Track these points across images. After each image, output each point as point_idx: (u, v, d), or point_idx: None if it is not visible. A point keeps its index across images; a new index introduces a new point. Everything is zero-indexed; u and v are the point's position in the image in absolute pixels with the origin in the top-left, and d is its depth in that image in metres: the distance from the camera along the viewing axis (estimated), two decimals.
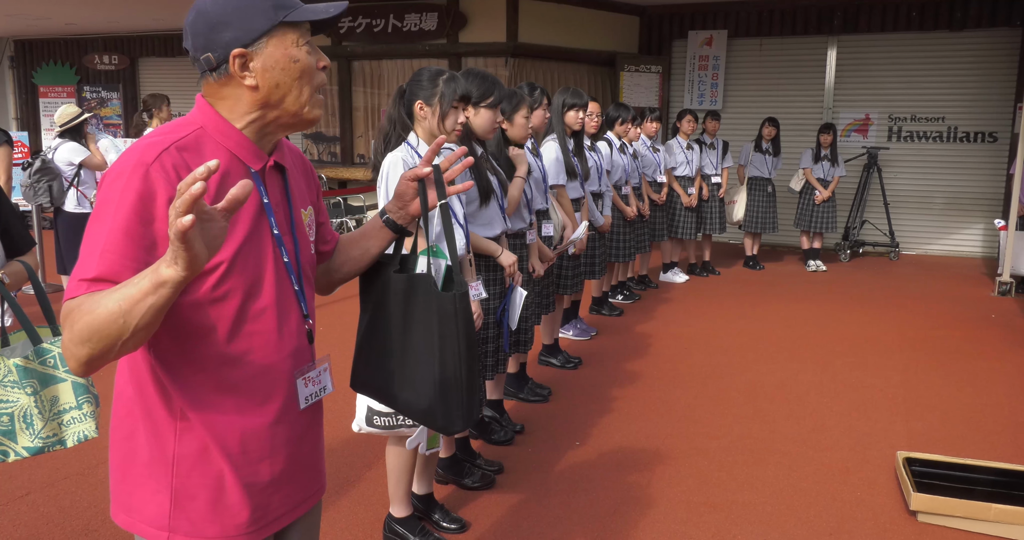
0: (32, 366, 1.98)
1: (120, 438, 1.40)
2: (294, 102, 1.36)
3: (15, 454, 1.99)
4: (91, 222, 1.25)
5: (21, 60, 13.36)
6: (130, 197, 1.22)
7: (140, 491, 1.38)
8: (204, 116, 1.36)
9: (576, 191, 4.62)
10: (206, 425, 1.35)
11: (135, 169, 1.24)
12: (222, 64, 1.33)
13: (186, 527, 1.37)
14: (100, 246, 1.20)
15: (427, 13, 8.98)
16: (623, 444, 3.79)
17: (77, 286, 1.19)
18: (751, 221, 8.22)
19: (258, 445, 1.39)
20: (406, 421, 2.52)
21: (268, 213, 1.39)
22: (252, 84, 1.33)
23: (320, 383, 1.52)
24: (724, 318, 6.25)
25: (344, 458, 3.55)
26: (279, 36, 1.32)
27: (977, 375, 4.87)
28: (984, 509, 2.99)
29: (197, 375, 1.33)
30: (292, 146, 1.55)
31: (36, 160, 5.91)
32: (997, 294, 7.12)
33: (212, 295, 1.31)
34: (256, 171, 1.38)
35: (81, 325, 1.14)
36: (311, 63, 1.36)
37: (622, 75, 9.75)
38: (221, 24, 1.31)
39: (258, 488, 1.41)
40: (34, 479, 3.33)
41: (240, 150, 1.36)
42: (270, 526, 1.45)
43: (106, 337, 1.13)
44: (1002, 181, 8.92)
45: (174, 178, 1.25)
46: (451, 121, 2.64)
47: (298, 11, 1.33)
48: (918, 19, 9.00)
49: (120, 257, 1.20)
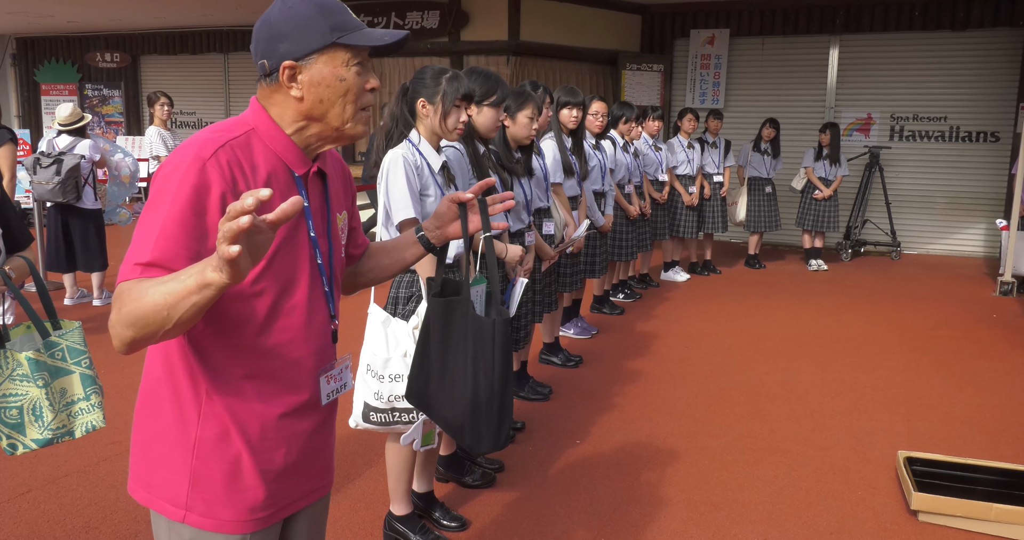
0: (43, 359, 2.01)
1: (145, 416, 1.46)
2: (336, 118, 1.42)
3: (23, 447, 2.02)
4: (147, 210, 1.31)
5: (23, 58, 13.37)
6: (186, 189, 1.28)
7: (161, 469, 1.43)
8: (256, 118, 1.43)
9: (573, 189, 4.62)
10: (229, 410, 1.41)
11: (193, 163, 1.30)
12: (274, 72, 1.40)
13: (201, 507, 1.42)
14: (156, 232, 1.27)
15: (429, 11, 8.98)
16: (624, 443, 3.79)
17: (132, 270, 1.26)
18: (752, 221, 8.23)
19: (276, 434, 1.45)
20: (402, 417, 2.52)
21: (307, 217, 1.46)
22: (298, 96, 1.40)
23: (341, 381, 1.58)
24: (725, 317, 6.25)
25: (345, 456, 3.55)
26: (330, 54, 1.39)
27: (978, 375, 4.87)
28: (985, 509, 2.98)
29: (227, 362, 1.40)
30: (334, 152, 1.62)
31: (49, 159, 5.86)
32: (998, 294, 7.12)
33: (250, 290, 1.37)
34: (300, 175, 1.45)
35: (128, 309, 1.20)
36: (357, 84, 1.42)
37: (624, 74, 9.74)
38: (280, 35, 1.38)
39: (272, 475, 1.46)
40: (35, 476, 3.34)
41: (287, 154, 1.43)
42: (280, 513, 1.50)
43: (150, 325, 1.19)
44: (1004, 181, 8.92)
45: (227, 174, 1.32)
46: (453, 120, 2.65)
47: (353, 35, 1.40)
48: (920, 19, 8.99)
49: (174, 244, 1.26)
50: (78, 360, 2.06)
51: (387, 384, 2.48)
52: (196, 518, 1.42)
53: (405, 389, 1.80)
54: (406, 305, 2.65)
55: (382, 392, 2.48)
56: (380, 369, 2.48)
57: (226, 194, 1.32)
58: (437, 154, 2.70)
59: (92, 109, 12.96)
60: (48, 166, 5.82)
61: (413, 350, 2.48)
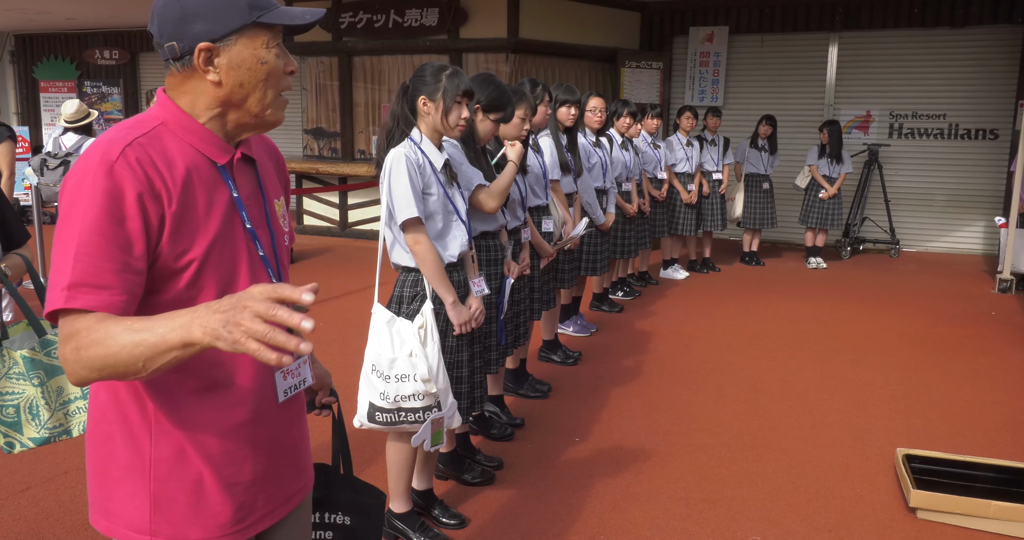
0: (38, 357, 2.01)
1: (95, 443, 1.38)
2: (256, 103, 1.34)
3: (21, 445, 2.02)
4: (60, 226, 1.20)
5: (22, 55, 13.34)
6: (99, 197, 1.19)
7: (119, 495, 1.36)
8: (165, 111, 1.33)
9: (568, 186, 4.63)
10: (182, 427, 1.32)
11: (99, 167, 1.21)
12: (186, 55, 1.29)
13: (167, 530, 1.35)
14: (73, 250, 1.17)
15: (428, 8, 8.96)
16: (623, 440, 3.80)
17: (58, 296, 1.17)
18: (749, 218, 8.23)
19: (237, 444, 1.37)
20: (408, 417, 2.52)
21: (239, 207, 1.37)
22: (215, 80, 1.30)
23: (300, 375, 1.49)
24: (724, 315, 6.25)
25: None
26: (250, 35, 1.30)
27: (977, 372, 4.87)
28: (983, 506, 2.99)
29: (171, 376, 1.30)
30: (262, 135, 1.52)
31: (56, 160, 5.86)
32: (997, 291, 7.12)
33: (186, 294, 1.29)
34: (222, 165, 1.35)
35: (91, 353, 1.13)
36: (278, 66, 1.33)
37: (623, 71, 9.73)
38: (194, 15, 1.27)
39: (240, 488, 1.39)
40: (34, 474, 3.34)
41: (203, 145, 1.33)
42: (255, 526, 1.43)
43: (120, 373, 1.13)
44: (1003, 178, 8.92)
45: (140, 174, 1.22)
46: (455, 116, 2.64)
47: (273, 13, 1.30)
48: (919, 16, 8.98)
49: (95, 258, 1.17)
50: None
51: (393, 384, 2.48)
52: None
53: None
54: (410, 304, 2.65)
55: (388, 392, 2.48)
56: (386, 369, 2.48)
57: (143, 195, 1.22)
58: (439, 152, 2.70)
59: (91, 106, 12.95)
60: (55, 168, 5.82)
61: (419, 349, 2.49)
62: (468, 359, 2.83)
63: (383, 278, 2.73)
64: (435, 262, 2.61)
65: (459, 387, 2.79)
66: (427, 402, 2.52)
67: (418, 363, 2.48)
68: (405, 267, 2.69)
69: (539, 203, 4.01)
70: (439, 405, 2.56)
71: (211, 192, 1.32)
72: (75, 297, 1.16)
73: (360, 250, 8.91)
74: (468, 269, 2.82)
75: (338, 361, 4.49)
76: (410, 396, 2.49)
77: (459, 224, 2.73)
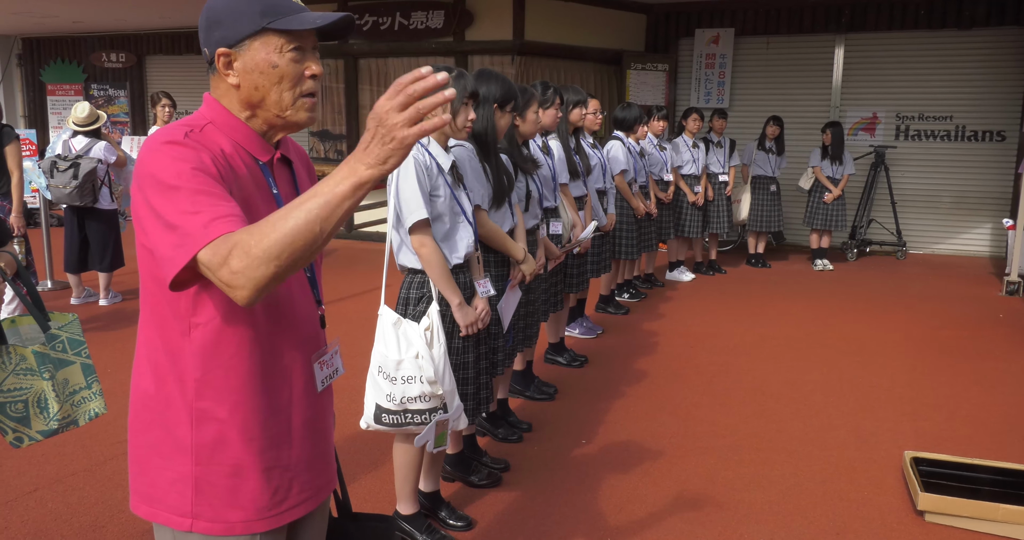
0: (47, 352, 2.06)
1: (138, 430, 1.45)
2: (274, 105, 1.40)
3: (29, 439, 2.06)
4: (153, 198, 1.24)
5: (29, 58, 13.40)
6: (180, 160, 1.26)
7: (161, 481, 1.42)
8: (212, 111, 1.42)
9: (578, 189, 4.63)
10: (224, 412, 1.38)
11: (171, 143, 1.29)
12: (212, 61, 1.39)
13: (209, 513, 1.40)
14: (183, 204, 1.21)
15: (433, 11, 8.98)
16: (629, 442, 3.79)
17: (196, 239, 1.19)
18: (755, 220, 8.22)
19: (277, 430, 1.43)
20: (414, 419, 2.53)
21: (279, 203, 1.43)
22: (235, 83, 1.39)
23: (333, 366, 1.57)
24: (730, 317, 6.24)
25: (351, 455, 3.56)
26: (263, 40, 1.36)
27: (984, 375, 4.86)
28: (991, 509, 2.98)
29: (215, 363, 1.37)
30: (294, 142, 1.62)
31: (66, 162, 5.86)
32: (1005, 294, 7.10)
33: None
34: (264, 163, 1.43)
35: (265, 245, 1.14)
36: (292, 70, 1.38)
37: (628, 73, 9.73)
38: (215, 22, 1.37)
39: (277, 472, 1.44)
40: (42, 475, 3.35)
41: (248, 142, 1.41)
42: (291, 512, 1.48)
43: (299, 248, 1.15)
44: (1010, 180, 8.89)
45: (205, 150, 1.30)
46: (461, 119, 2.65)
47: (284, 19, 1.36)
48: (926, 17, 8.96)
49: (207, 197, 1.22)
50: (78, 351, 2.12)
51: (399, 386, 2.48)
52: (204, 525, 1.40)
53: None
54: (416, 306, 2.66)
55: (394, 394, 2.48)
56: (392, 371, 2.48)
57: (215, 160, 1.30)
58: (446, 154, 2.71)
59: (98, 109, 12.98)
60: (65, 170, 5.83)
61: (425, 351, 2.49)
62: (474, 360, 2.83)
63: (389, 280, 2.73)
64: (440, 264, 2.61)
65: (465, 388, 2.80)
66: (433, 404, 2.52)
67: (424, 365, 2.48)
68: (411, 269, 2.69)
69: (548, 206, 4.02)
70: (445, 407, 2.56)
71: (256, 186, 1.41)
72: (211, 230, 1.19)
73: (366, 252, 8.92)
74: (474, 270, 2.82)
75: (345, 363, 4.45)
76: (416, 398, 2.49)
77: (466, 225, 2.73)
